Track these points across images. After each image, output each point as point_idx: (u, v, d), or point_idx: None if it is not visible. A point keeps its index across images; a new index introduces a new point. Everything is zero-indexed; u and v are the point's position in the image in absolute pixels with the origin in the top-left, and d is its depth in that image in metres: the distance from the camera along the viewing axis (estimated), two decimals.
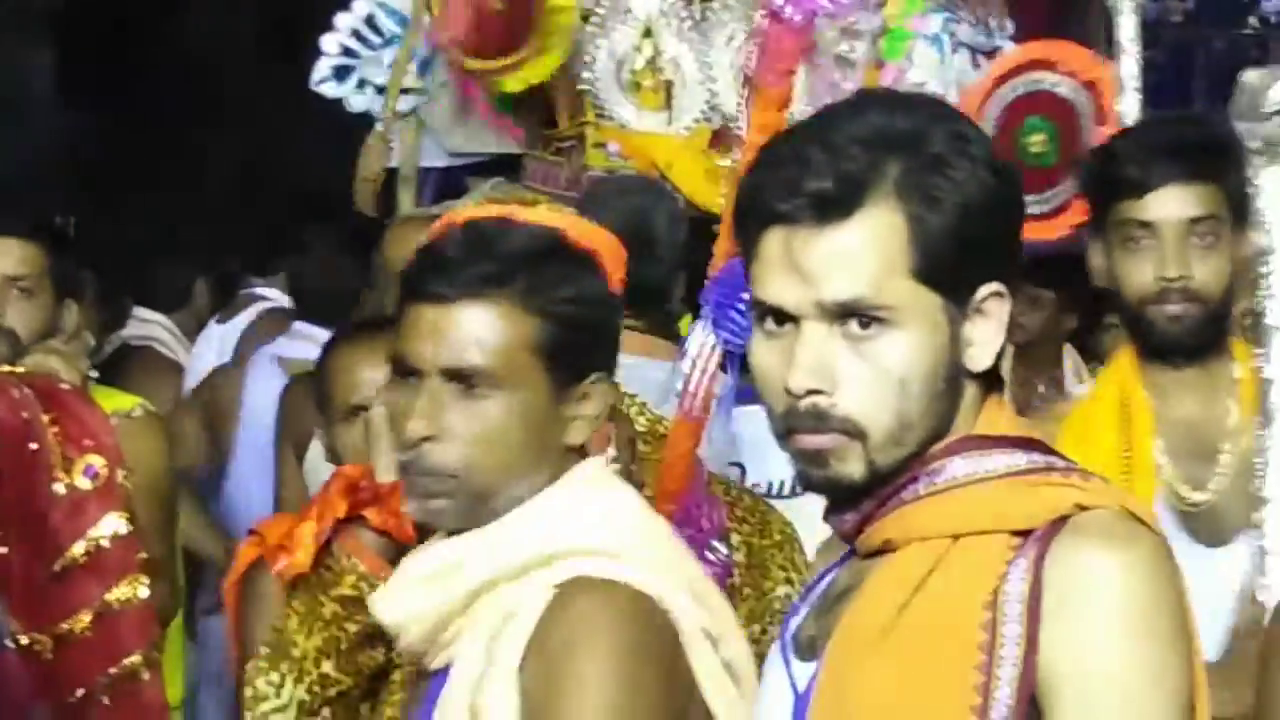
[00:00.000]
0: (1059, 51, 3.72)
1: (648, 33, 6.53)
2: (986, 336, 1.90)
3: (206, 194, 9.55)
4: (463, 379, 2.25)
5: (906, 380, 1.87)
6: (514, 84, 6.16)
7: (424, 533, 2.64)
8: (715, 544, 2.51)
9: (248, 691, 2.66)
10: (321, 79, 6.60)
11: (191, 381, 5.71)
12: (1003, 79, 2.62)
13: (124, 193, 9.10)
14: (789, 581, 2.76)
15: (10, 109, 9.65)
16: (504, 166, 6.78)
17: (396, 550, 2.62)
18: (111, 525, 3.33)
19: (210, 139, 9.75)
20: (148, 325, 6.10)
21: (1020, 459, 1.91)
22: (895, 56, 7.06)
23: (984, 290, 1.89)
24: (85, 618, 3.30)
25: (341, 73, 6.60)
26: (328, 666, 2.61)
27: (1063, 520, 1.85)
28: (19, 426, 3.28)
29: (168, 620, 3.64)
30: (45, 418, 3.32)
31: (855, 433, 1.87)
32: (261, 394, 4.93)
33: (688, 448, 2.50)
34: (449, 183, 6.82)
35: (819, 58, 6.76)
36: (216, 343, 5.88)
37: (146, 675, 3.34)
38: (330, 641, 2.60)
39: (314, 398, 3.48)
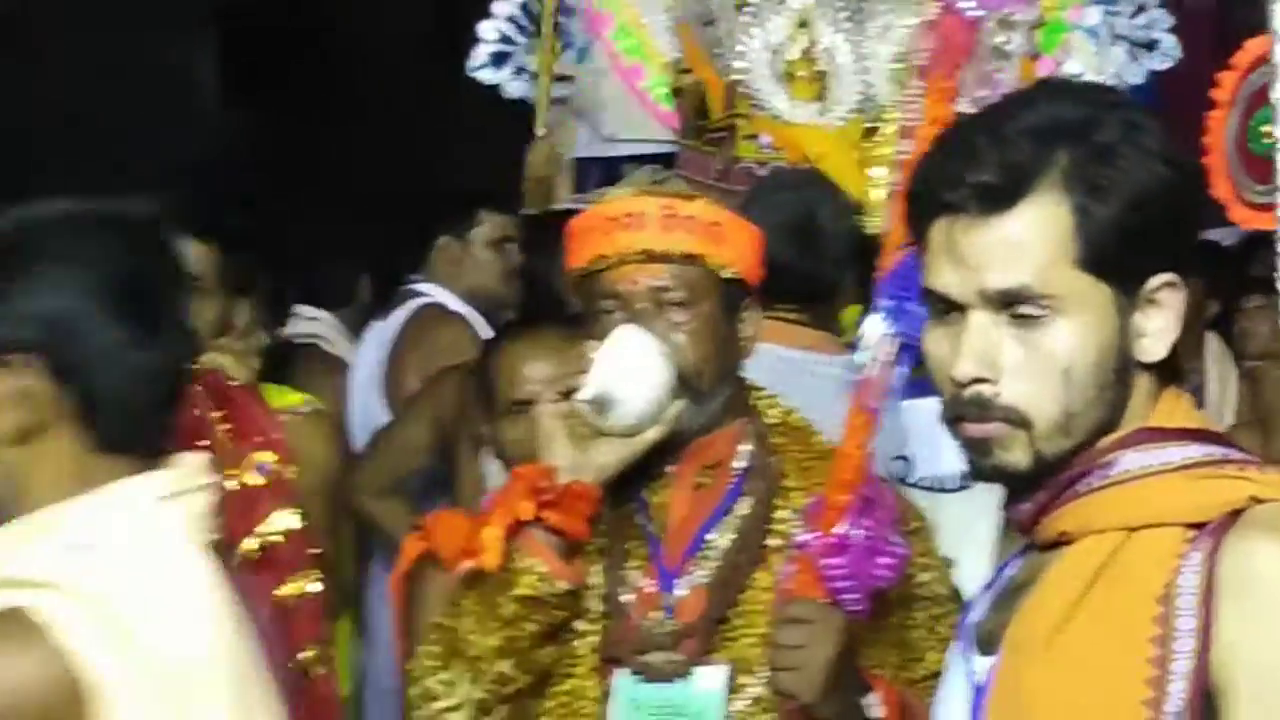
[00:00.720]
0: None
1: (803, 23, 6.49)
2: (1159, 327, 1.88)
3: (368, 191, 9.63)
4: None
5: (1071, 370, 1.86)
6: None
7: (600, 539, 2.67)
8: (892, 536, 2.49)
9: (414, 690, 2.65)
10: (479, 65, 6.63)
11: (358, 379, 5.73)
12: (1250, 69, 2.58)
13: (287, 191, 9.19)
14: (927, 568, 2.72)
15: (176, 108, 9.78)
16: (659, 158, 6.78)
17: (570, 550, 2.62)
18: (283, 521, 3.36)
19: (371, 135, 9.83)
20: (312, 323, 6.10)
21: (1195, 451, 1.88)
22: (1051, 49, 6.98)
23: (1155, 280, 1.87)
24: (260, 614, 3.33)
25: (499, 59, 6.63)
26: (505, 666, 2.60)
27: (1238, 513, 1.82)
28: (189, 424, 3.31)
29: (338, 616, 3.65)
30: (216, 414, 3.35)
31: (1019, 421, 1.86)
32: None
33: (864, 439, 2.48)
34: (609, 174, 6.83)
35: (978, 49, 6.73)
36: (376, 341, 5.90)
37: (321, 669, 3.37)
38: (509, 641, 2.59)
39: (474, 392, 3.48)
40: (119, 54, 9.50)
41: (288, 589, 3.36)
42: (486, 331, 4.91)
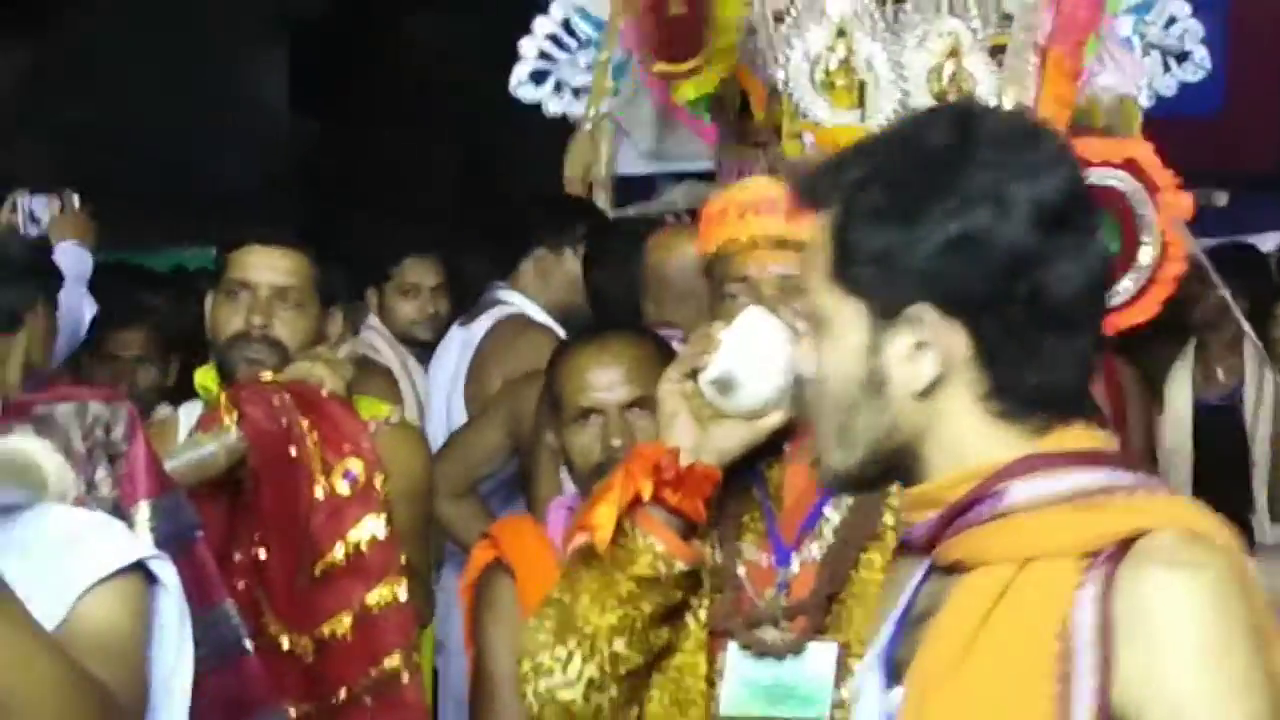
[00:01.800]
0: (1081, 148, 3.68)
1: (841, 33, 6.52)
2: (906, 354, 1.85)
3: (434, 199, 9.65)
4: None
5: (823, 383, 1.90)
6: (690, 91, 6.17)
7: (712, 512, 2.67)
8: None
9: (525, 664, 2.65)
10: (519, 83, 6.66)
11: (434, 381, 5.75)
12: None
13: (354, 199, 9.24)
14: None
15: (242, 119, 9.83)
16: (698, 174, 6.81)
17: (688, 530, 2.62)
18: (370, 528, 3.38)
19: (439, 144, 9.86)
20: (366, 332, 6.15)
21: (1085, 478, 1.86)
22: (1085, 60, 7.00)
23: (915, 309, 1.84)
24: (346, 620, 3.36)
25: (539, 77, 6.65)
26: (620, 645, 2.60)
27: (1130, 542, 1.80)
28: (278, 433, 3.34)
29: (427, 623, 3.67)
30: (304, 423, 3.38)
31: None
32: None
33: None
34: (648, 190, 6.86)
35: (1011, 58, 6.73)
36: (458, 347, 5.91)
37: (406, 677, 3.39)
38: (625, 620, 2.59)
39: (543, 399, 3.50)
40: (189, 65, 9.57)
41: (375, 596, 3.37)
42: None
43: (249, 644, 2.56)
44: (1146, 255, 2.99)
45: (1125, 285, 3.14)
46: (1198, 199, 7.33)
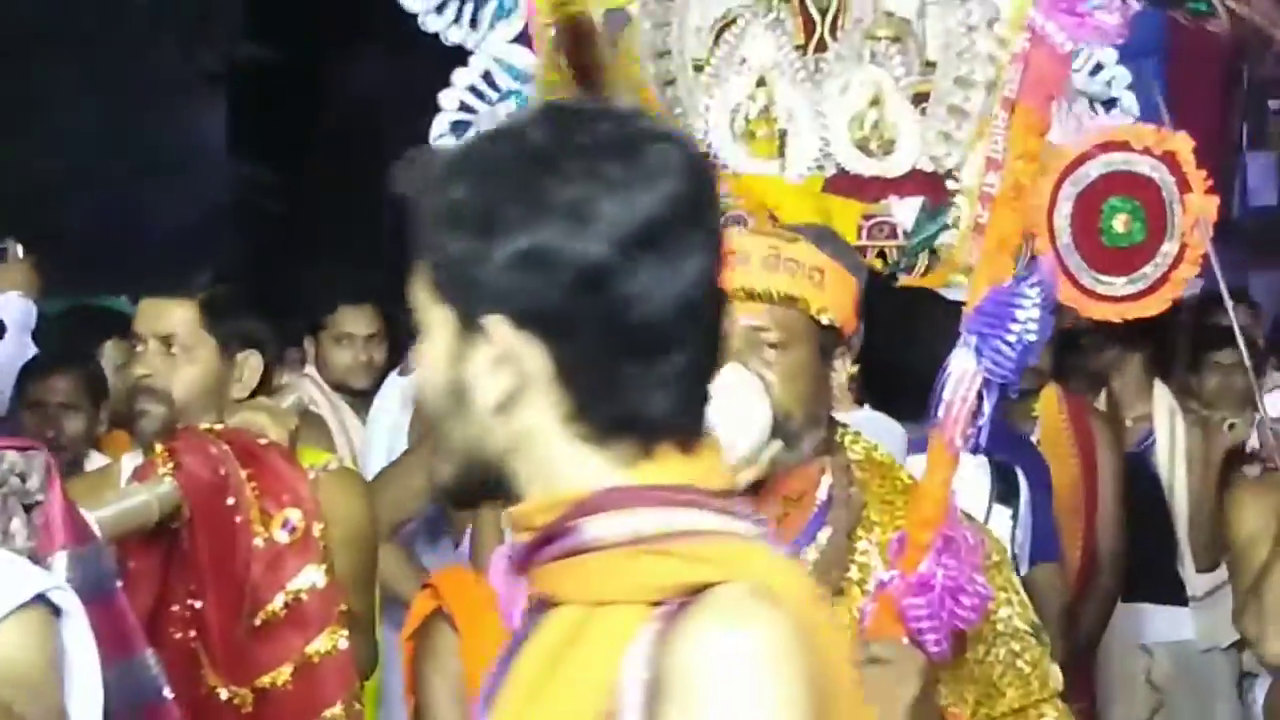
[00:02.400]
0: (1127, 133, 3.69)
1: (761, 82, 6.55)
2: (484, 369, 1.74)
3: (373, 244, 9.63)
4: None
5: (424, 388, 1.80)
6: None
7: None
8: (975, 576, 2.48)
9: None
10: (440, 134, 6.66)
11: (373, 428, 5.72)
12: (1078, 163, 2.58)
13: (293, 244, 9.22)
14: (1009, 602, 2.70)
15: (182, 167, 9.80)
16: None
17: None
18: (310, 578, 3.35)
19: (379, 189, 9.85)
20: (298, 381, 6.11)
21: (663, 518, 1.72)
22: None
23: (488, 319, 1.72)
24: (286, 671, 3.33)
25: (459, 128, 6.67)
26: None
27: (698, 592, 1.68)
28: (215, 483, 3.32)
29: (368, 673, 3.64)
30: (243, 473, 3.35)
31: None
32: None
33: (946, 476, 2.47)
34: None
35: (934, 106, 6.77)
36: (398, 397, 5.89)
37: None
38: None
39: None
40: (128, 110, 9.54)
41: (315, 646, 3.34)
42: None
43: (168, 694, 2.54)
44: (1166, 252, 2.98)
45: (1145, 273, 3.13)
46: None
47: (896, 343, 2.99)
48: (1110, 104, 7.04)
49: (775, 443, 2.62)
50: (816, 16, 6.56)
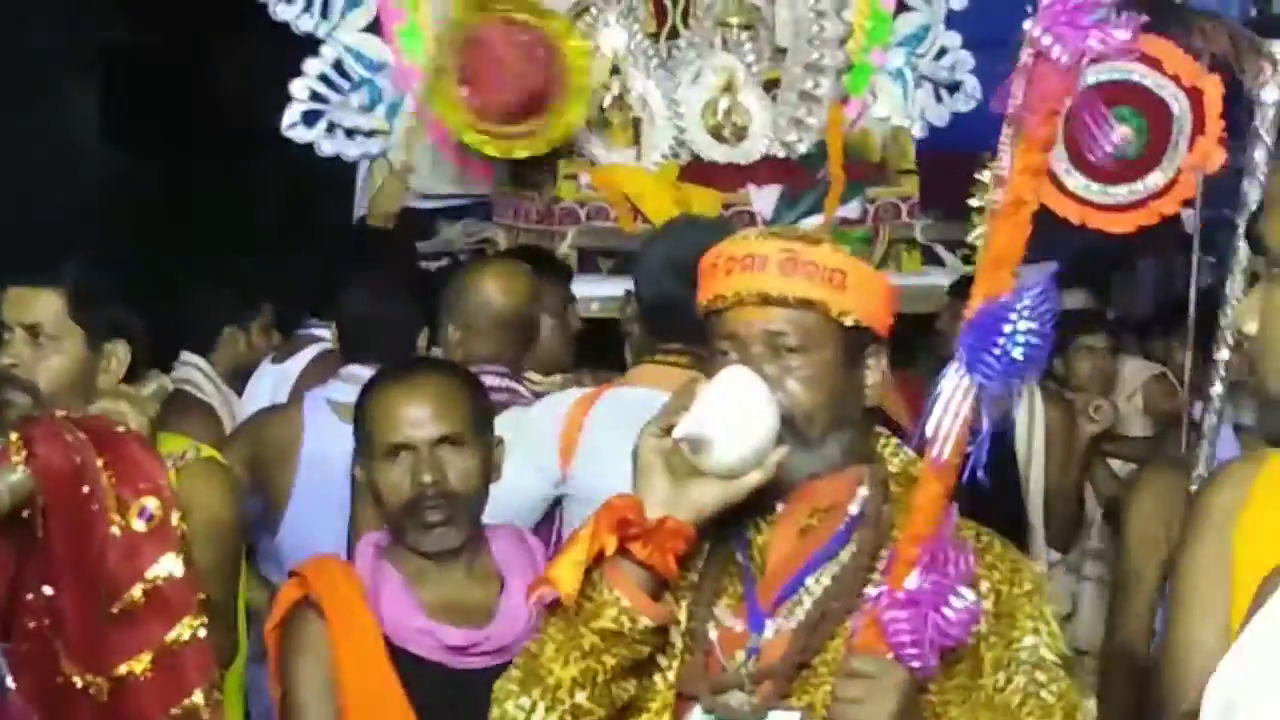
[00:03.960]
0: (1166, 53, 3.64)
1: (615, 70, 6.57)
2: None
3: (252, 233, 9.58)
4: None
5: None
6: (521, 150, 6.20)
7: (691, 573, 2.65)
8: (962, 590, 2.47)
9: (494, 712, 2.62)
10: (291, 124, 6.64)
11: (243, 419, 5.69)
12: (1097, 59, 2.54)
13: (168, 233, 9.13)
14: (1036, 632, 2.67)
15: (55, 152, 9.70)
16: (474, 209, 6.84)
17: (658, 585, 2.59)
18: (168, 566, 3.33)
19: (254, 177, 9.78)
20: (182, 367, 6.07)
21: None
22: (859, 91, 7.10)
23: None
24: (145, 659, 3.31)
25: (310, 117, 6.64)
26: (581, 697, 2.57)
27: None
28: (70, 471, 3.29)
29: (228, 663, 3.62)
30: (99, 461, 3.32)
31: None
32: (320, 436, 4.91)
33: (936, 491, 2.47)
34: (427, 227, 6.86)
35: (785, 92, 6.80)
36: (270, 382, 5.86)
37: (207, 715, 3.34)
38: (587, 673, 2.57)
39: (353, 435, 3.48)
40: None
41: (174, 634, 3.32)
42: None
43: (10, 684, 2.52)
44: (1154, 180, 2.96)
45: (1121, 191, 3.12)
46: (965, 232, 7.48)
47: None
48: (955, 88, 7.13)
49: (783, 448, 2.59)
50: (669, 4, 6.56)
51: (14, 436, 3.32)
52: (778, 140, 6.72)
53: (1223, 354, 3.85)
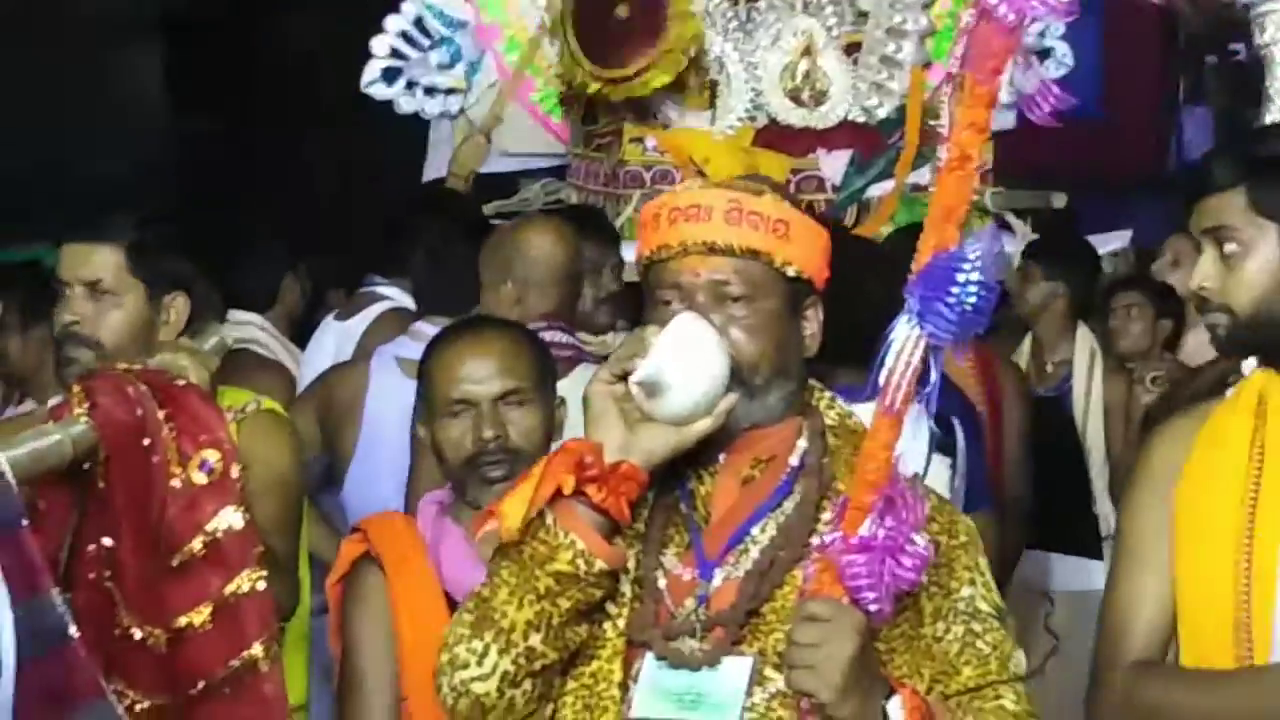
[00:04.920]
0: None
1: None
2: None
3: (312, 193, 9.60)
4: None
5: None
6: (642, 89, 6.18)
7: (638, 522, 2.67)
8: (915, 537, 2.50)
9: (443, 656, 2.64)
10: (370, 81, 6.65)
11: (307, 376, 5.70)
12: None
13: (232, 193, 9.16)
14: (973, 583, 2.74)
15: (121, 114, 9.73)
16: (553, 170, 6.84)
17: (611, 529, 2.62)
18: (228, 519, 3.34)
19: (320, 139, 9.80)
20: (243, 327, 6.08)
21: None
22: (942, 56, 7.06)
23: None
24: (205, 611, 3.32)
25: (390, 75, 6.65)
26: (535, 640, 2.60)
27: None
28: (132, 423, 3.30)
29: (288, 615, 3.63)
30: (161, 414, 3.34)
31: None
32: (385, 394, 4.93)
33: (888, 439, 2.50)
34: (505, 187, 6.86)
35: (866, 56, 6.75)
36: (334, 339, 5.88)
37: (266, 667, 3.35)
38: (541, 615, 2.59)
39: (416, 393, 3.49)
40: (61, 61, 9.47)
41: (234, 586, 3.33)
42: None
43: (74, 632, 2.53)
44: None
45: None
46: (1036, 201, 7.45)
47: (848, 296, 3.00)
48: (1045, 54, 7.06)
49: (732, 395, 2.63)
50: None
51: (76, 388, 3.33)
52: (857, 105, 6.68)
53: None
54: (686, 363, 2.60)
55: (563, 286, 4.70)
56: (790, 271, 2.71)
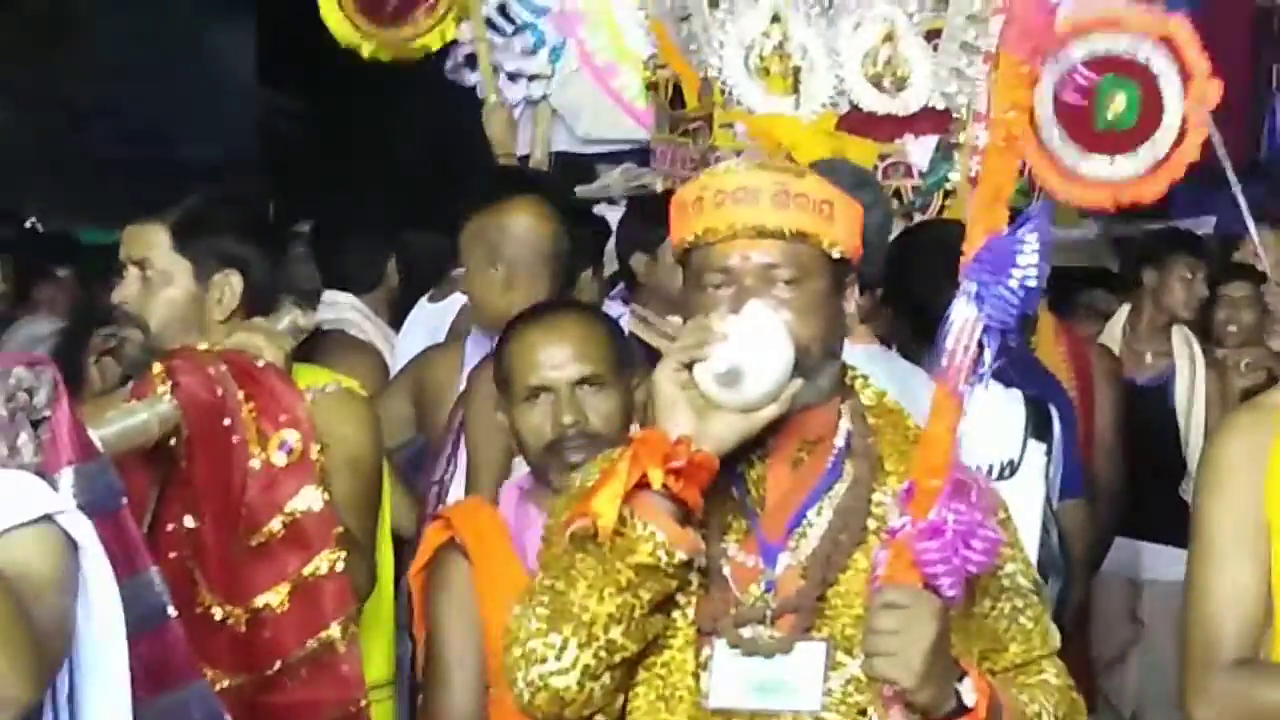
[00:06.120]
0: (1120, 13, 3.60)
1: (776, 18, 6.52)
2: None
3: (405, 175, 9.62)
4: None
5: None
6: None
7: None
8: (985, 520, 2.49)
9: (515, 651, 2.61)
10: (454, 66, 6.66)
11: (401, 358, 5.71)
12: (1065, 39, 2.56)
13: (321, 174, 9.20)
14: (1013, 559, 2.72)
15: (211, 94, 9.79)
16: (634, 154, 6.82)
17: (685, 519, 2.60)
18: (307, 499, 3.36)
19: (408, 121, 9.82)
20: (337, 307, 6.08)
21: None
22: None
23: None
24: (283, 591, 3.34)
25: (474, 61, 6.66)
26: (616, 633, 2.58)
27: None
28: (212, 403, 3.32)
29: (366, 595, 3.63)
30: (241, 394, 3.36)
31: None
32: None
33: (951, 422, 2.48)
34: (585, 171, 6.85)
35: (947, 43, 6.72)
36: (426, 321, 5.89)
37: (343, 648, 3.37)
38: (623, 608, 2.57)
39: (494, 378, 3.48)
40: (155, 38, 9.53)
41: (312, 567, 3.36)
42: None
43: (172, 611, 2.55)
44: (1164, 138, 2.94)
45: (1136, 162, 3.10)
46: None
47: (930, 281, 2.98)
48: None
49: (797, 380, 2.62)
50: None
51: (157, 368, 3.35)
52: (938, 91, 6.66)
53: None
54: (762, 351, 2.58)
55: (551, 266, 4.65)
56: (835, 252, 2.68)
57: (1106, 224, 7.07)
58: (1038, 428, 4.18)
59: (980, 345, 2.47)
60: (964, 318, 2.47)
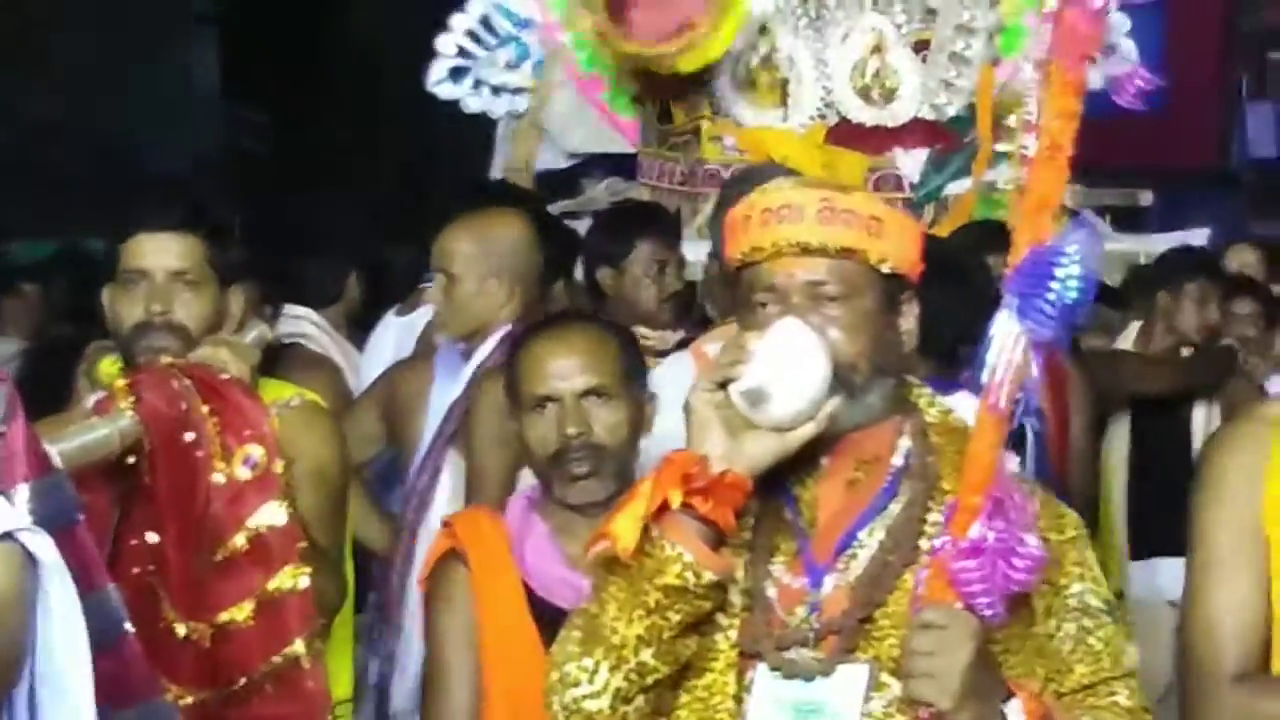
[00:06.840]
0: None
1: (764, 30, 6.52)
2: None
3: (372, 189, 9.61)
4: None
5: None
6: (687, 64, 6.16)
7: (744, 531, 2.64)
8: (1026, 538, 2.46)
9: (552, 675, 2.61)
10: (437, 80, 6.65)
11: (368, 372, 5.69)
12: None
13: (286, 188, 9.18)
14: (1082, 578, 2.68)
15: (176, 108, 9.76)
16: (619, 169, 6.82)
17: (716, 540, 2.58)
18: (271, 514, 3.35)
19: (374, 135, 9.82)
20: (295, 321, 6.04)
21: None
22: (1011, 53, 7.00)
23: None
24: (247, 607, 3.32)
25: (457, 74, 6.65)
26: (647, 655, 2.57)
27: None
28: (175, 417, 3.31)
29: (333, 611, 3.61)
30: (205, 408, 3.34)
31: None
32: (448, 389, 4.91)
33: (993, 440, 2.46)
34: (570, 185, 6.84)
35: (935, 54, 6.72)
36: (394, 335, 5.87)
37: (308, 664, 3.35)
38: (652, 630, 2.56)
39: (503, 389, 3.49)
40: (120, 52, 9.50)
41: (276, 582, 3.34)
42: None
43: (130, 628, 2.53)
44: None
45: None
46: (1123, 199, 7.39)
47: (936, 299, 2.95)
48: (1110, 50, 7.00)
49: (835, 398, 2.59)
50: None
51: (120, 382, 3.33)
52: (927, 103, 6.66)
53: None
54: (790, 369, 2.55)
55: (526, 278, 4.65)
56: (885, 268, 2.65)
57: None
58: (1010, 441, 4.17)
59: (1025, 360, 2.44)
60: (1005, 332, 2.44)
